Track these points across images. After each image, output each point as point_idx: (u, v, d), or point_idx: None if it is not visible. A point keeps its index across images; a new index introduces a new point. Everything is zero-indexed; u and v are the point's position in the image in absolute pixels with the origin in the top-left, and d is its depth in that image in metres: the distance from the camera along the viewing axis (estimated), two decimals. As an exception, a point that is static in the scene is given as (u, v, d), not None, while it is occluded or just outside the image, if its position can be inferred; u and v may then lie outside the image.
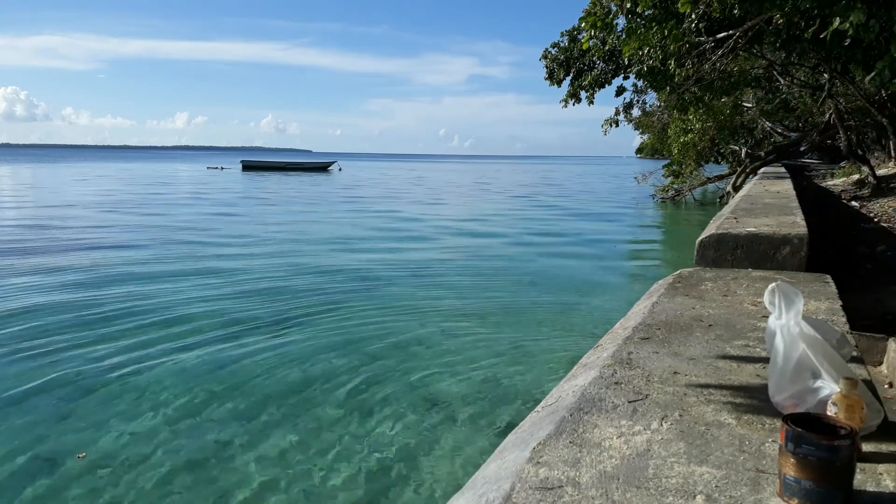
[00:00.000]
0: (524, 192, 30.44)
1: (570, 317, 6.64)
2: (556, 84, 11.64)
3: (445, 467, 3.44)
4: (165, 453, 3.60)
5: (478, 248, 11.70)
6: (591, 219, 17.74)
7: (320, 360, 5.15)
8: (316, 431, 3.89)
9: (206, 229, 13.76)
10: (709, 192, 23.16)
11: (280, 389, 4.54)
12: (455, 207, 21.56)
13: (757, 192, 9.56)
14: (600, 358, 2.76)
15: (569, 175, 56.51)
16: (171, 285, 7.83)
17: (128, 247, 10.95)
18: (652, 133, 27.70)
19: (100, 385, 4.59)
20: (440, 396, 4.42)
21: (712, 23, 8.02)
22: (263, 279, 8.38)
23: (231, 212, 17.90)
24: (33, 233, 12.67)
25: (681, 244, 12.04)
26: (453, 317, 6.55)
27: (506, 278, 8.75)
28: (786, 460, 1.53)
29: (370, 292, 7.70)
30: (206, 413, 4.16)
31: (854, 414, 1.74)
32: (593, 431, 1.95)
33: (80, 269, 8.86)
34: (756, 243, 4.91)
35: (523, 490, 1.60)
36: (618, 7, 7.51)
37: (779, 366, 2.10)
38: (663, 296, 3.85)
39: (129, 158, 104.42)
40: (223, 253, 10.51)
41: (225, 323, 6.20)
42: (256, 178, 40.49)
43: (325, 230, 14.18)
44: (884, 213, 10.82)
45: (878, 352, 2.82)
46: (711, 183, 22.19)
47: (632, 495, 1.57)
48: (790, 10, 5.94)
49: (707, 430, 1.95)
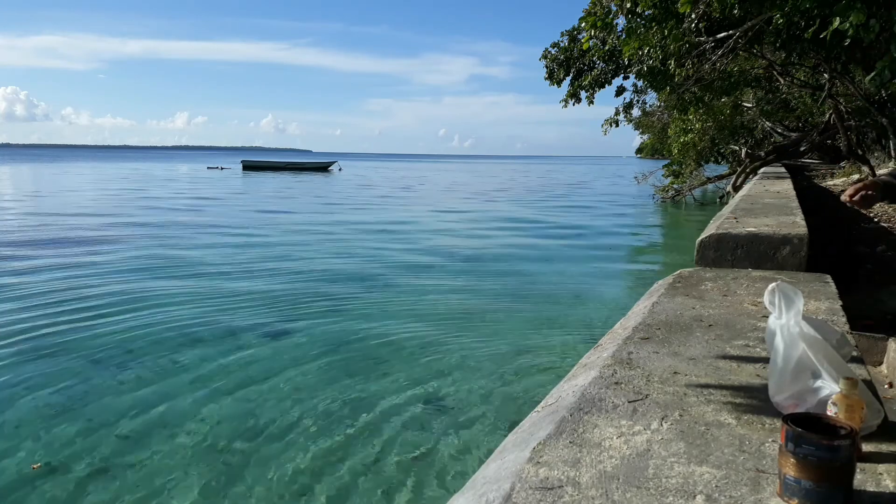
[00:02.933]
0: (524, 193, 30.43)
1: (570, 317, 6.64)
2: (556, 84, 11.65)
3: (445, 467, 3.44)
4: (164, 453, 3.60)
5: (477, 248, 11.70)
6: (590, 219, 17.74)
7: (320, 361, 5.15)
8: (315, 431, 3.89)
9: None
10: (709, 192, 23.16)
11: (280, 389, 4.55)
12: (455, 207, 21.56)
13: (757, 192, 9.55)
14: (600, 358, 2.76)
15: (569, 175, 56.52)
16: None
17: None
18: (652, 133, 27.69)
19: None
20: (440, 396, 4.42)
21: (712, 23, 8.02)
22: (262, 281, 8.38)
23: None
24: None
25: (681, 244, 12.04)
26: (453, 317, 6.55)
27: (505, 278, 8.75)
28: (786, 460, 1.53)
29: (369, 293, 7.70)
30: (206, 412, 4.16)
31: (854, 414, 1.73)
32: (593, 431, 1.95)
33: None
34: (756, 243, 4.90)
35: (523, 490, 1.60)
36: (618, 7, 7.51)
37: (779, 366, 2.10)
38: (663, 296, 3.85)
39: (131, 158, 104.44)
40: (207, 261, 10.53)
41: (213, 327, 6.20)
42: (258, 178, 40.50)
43: (325, 229, 14.19)
44: (884, 213, 10.82)
45: (878, 352, 2.82)
46: (711, 183, 22.19)
47: (632, 495, 1.57)
48: (790, 10, 5.94)
49: (707, 430, 1.95)
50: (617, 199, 25.58)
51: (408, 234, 13.51)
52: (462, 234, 13.76)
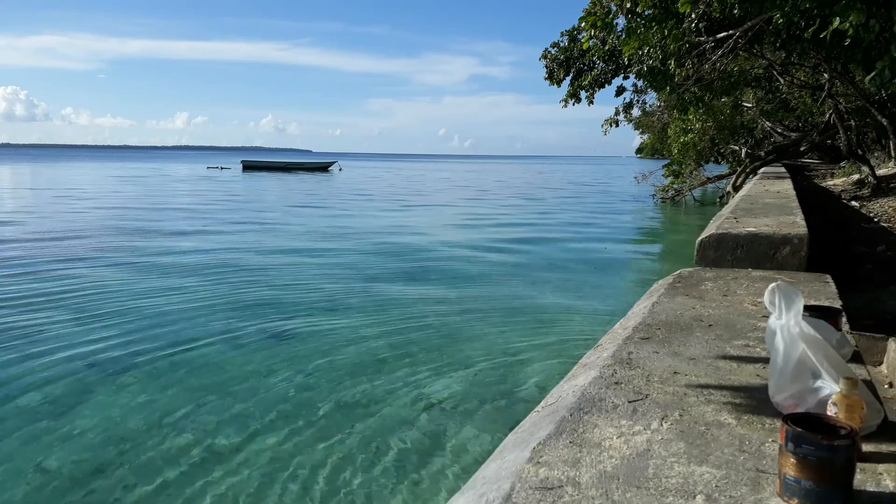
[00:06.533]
0: (524, 193, 30.44)
1: (570, 317, 6.63)
2: (556, 84, 11.66)
3: (445, 467, 3.44)
4: (163, 454, 3.60)
5: (477, 248, 11.70)
6: (590, 219, 17.74)
7: (319, 361, 5.15)
8: (314, 432, 3.89)
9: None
10: (709, 192, 23.16)
11: (278, 389, 4.55)
12: (455, 207, 21.56)
13: (757, 192, 9.56)
14: (600, 358, 2.76)
15: (569, 175, 56.53)
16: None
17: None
18: (652, 133, 27.69)
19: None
20: (439, 396, 4.42)
21: (712, 23, 8.03)
22: (261, 281, 8.39)
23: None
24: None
25: (681, 244, 12.04)
26: (452, 317, 6.55)
27: (505, 279, 8.75)
28: (786, 460, 1.53)
29: (367, 293, 7.70)
30: (205, 412, 4.16)
31: (854, 414, 1.74)
32: (593, 431, 1.95)
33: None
34: (756, 243, 4.91)
35: (523, 490, 1.60)
36: (618, 7, 7.52)
37: (779, 366, 2.10)
38: (663, 296, 3.85)
39: (130, 158, 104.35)
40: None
41: (213, 327, 6.20)
42: (258, 178, 40.52)
43: (323, 230, 14.19)
44: (884, 213, 10.82)
45: (878, 352, 2.82)
46: (711, 183, 22.19)
47: (632, 495, 1.57)
48: (790, 10, 5.94)
49: (707, 430, 1.95)
50: (617, 199, 25.58)
51: (407, 233, 13.51)
52: (461, 234, 13.76)
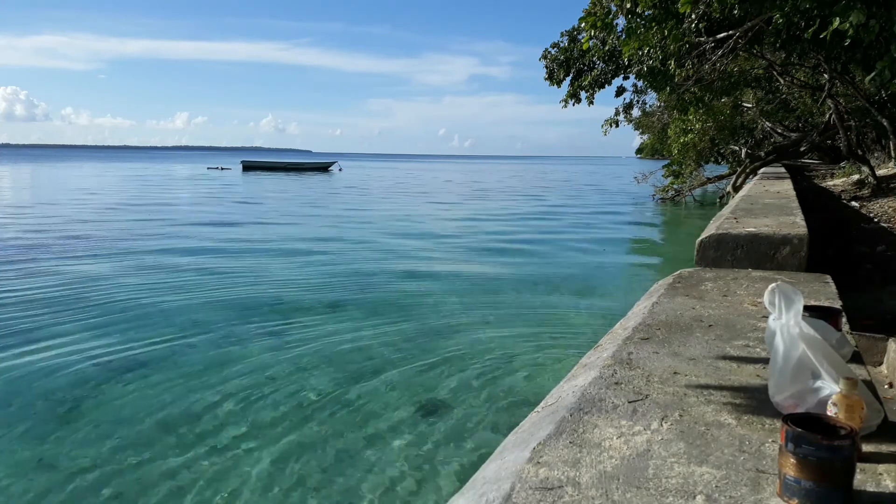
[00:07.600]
0: (523, 193, 30.44)
1: (570, 317, 6.63)
2: (556, 84, 11.66)
3: (445, 467, 3.44)
4: (162, 455, 3.60)
5: (477, 248, 11.70)
6: (590, 219, 17.74)
7: (318, 361, 5.15)
8: (314, 431, 3.89)
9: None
10: (709, 192, 23.15)
11: (278, 389, 4.55)
12: (454, 207, 21.56)
13: (757, 193, 9.56)
14: (600, 358, 2.76)
15: (569, 175, 56.53)
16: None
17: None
18: (652, 133, 27.69)
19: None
20: (439, 396, 4.42)
21: (712, 23, 8.03)
22: (261, 281, 8.38)
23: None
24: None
25: (681, 244, 12.04)
26: (452, 317, 6.55)
27: (505, 279, 8.75)
28: (786, 460, 1.53)
29: (366, 293, 7.70)
30: (205, 411, 4.16)
31: (854, 414, 1.74)
32: (593, 431, 1.95)
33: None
34: (756, 243, 4.91)
35: (523, 490, 1.60)
36: (618, 7, 7.52)
37: (779, 366, 2.10)
38: (663, 296, 3.85)
39: (130, 159, 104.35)
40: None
41: (212, 327, 6.20)
42: (258, 178, 40.52)
43: (323, 230, 14.19)
44: (884, 213, 10.82)
45: (878, 352, 2.82)
46: (711, 183, 22.18)
47: (632, 495, 1.57)
48: (790, 10, 5.94)
49: (707, 430, 1.95)
50: (616, 199, 25.57)
51: (406, 232, 13.51)
52: (460, 234, 13.76)
